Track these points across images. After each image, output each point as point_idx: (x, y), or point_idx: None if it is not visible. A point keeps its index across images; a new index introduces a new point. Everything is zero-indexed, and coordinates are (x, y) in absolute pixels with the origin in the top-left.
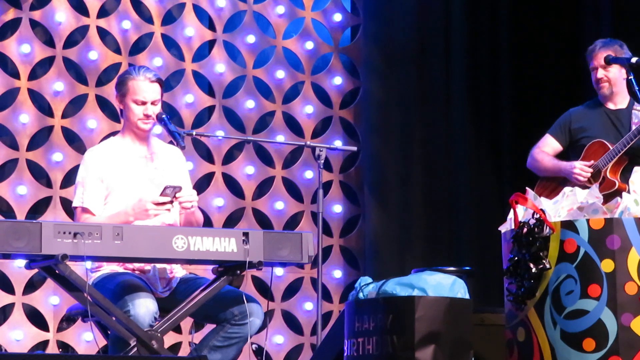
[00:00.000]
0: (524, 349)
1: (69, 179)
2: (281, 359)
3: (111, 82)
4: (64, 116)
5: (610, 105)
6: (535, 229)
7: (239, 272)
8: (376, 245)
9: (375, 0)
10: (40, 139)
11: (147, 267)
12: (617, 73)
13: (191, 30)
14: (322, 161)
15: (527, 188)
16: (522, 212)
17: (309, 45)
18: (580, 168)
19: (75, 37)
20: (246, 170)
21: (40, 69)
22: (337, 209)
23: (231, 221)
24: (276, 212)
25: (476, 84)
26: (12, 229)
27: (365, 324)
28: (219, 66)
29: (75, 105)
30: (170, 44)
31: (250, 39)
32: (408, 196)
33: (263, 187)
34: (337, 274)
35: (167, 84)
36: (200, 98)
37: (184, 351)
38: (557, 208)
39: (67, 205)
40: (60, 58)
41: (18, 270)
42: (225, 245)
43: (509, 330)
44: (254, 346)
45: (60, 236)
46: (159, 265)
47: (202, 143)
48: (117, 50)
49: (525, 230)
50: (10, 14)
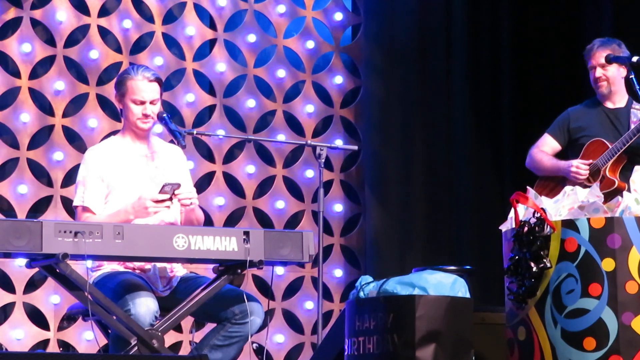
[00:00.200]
0: (524, 348)
1: (70, 178)
2: (282, 358)
3: (112, 81)
4: (64, 115)
5: (609, 104)
6: (536, 228)
7: (239, 271)
8: (377, 244)
9: None
10: (41, 138)
11: (148, 266)
12: (615, 72)
13: (192, 30)
14: (323, 160)
15: (527, 187)
16: (522, 211)
17: (310, 44)
18: (577, 166)
19: (76, 36)
20: (247, 169)
21: (41, 68)
22: (338, 208)
23: (232, 220)
24: (277, 211)
25: (477, 84)
26: (13, 228)
27: (366, 323)
28: (220, 65)
29: (76, 104)
30: (171, 43)
31: (251, 38)
32: (409, 195)
33: (264, 186)
34: (338, 273)
35: (168, 83)
36: (201, 97)
37: (184, 350)
38: (558, 207)
39: (67, 204)
40: (61, 57)
41: (19, 269)
42: (226, 244)
43: (510, 329)
44: (254, 345)
45: (61, 235)
46: (159, 264)
47: (203, 142)
48: (118, 50)
49: (526, 229)
50: (11, 13)
